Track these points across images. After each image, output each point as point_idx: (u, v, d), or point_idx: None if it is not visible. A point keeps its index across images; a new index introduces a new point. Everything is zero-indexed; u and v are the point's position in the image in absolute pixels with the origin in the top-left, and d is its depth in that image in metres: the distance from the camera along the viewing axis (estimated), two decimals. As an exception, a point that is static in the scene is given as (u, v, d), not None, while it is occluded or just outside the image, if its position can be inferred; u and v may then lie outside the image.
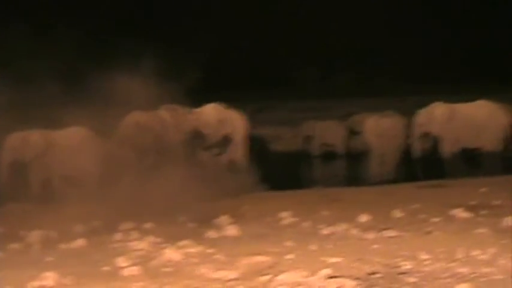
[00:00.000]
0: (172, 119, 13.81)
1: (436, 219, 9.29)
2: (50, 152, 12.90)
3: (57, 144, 12.97)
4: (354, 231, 8.74)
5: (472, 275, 6.49)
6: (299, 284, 6.23)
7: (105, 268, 7.30)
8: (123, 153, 12.98)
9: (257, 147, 15.08)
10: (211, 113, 14.24)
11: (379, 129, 15.57)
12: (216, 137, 14.20)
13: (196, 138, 14.00)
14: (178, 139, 13.74)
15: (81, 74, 12.96)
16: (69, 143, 13.02)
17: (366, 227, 8.93)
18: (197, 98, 13.84)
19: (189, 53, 14.60)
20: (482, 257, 7.10)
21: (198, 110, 14.15)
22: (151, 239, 8.61)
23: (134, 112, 13.52)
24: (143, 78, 12.83)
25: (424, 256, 7.17)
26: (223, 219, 9.94)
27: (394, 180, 14.92)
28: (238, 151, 14.53)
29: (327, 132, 19.25)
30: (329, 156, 19.16)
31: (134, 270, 7.05)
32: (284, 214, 10.10)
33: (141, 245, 8.32)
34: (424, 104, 15.49)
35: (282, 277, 6.39)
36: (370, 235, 8.41)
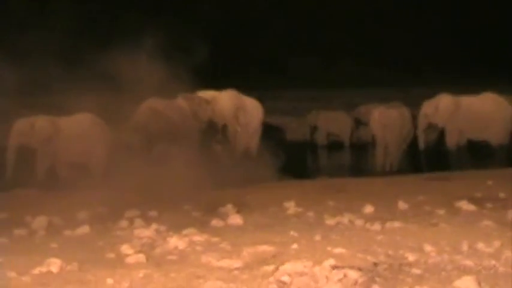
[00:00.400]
0: (190, 107, 13.74)
1: (441, 211, 9.28)
2: (57, 138, 12.90)
3: (64, 130, 12.97)
4: (359, 222, 8.73)
5: (477, 268, 6.50)
6: (303, 274, 6.23)
7: (110, 255, 7.31)
8: (133, 140, 12.95)
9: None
10: (228, 100, 14.19)
11: (385, 120, 15.53)
12: (232, 125, 14.18)
13: (212, 127, 13.97)
14: (194, 127, 13.68)
15: (86, 57, 12.90)
16: (76, 129, 13.02)
17: (370, 218, 8.93)
18: (197, 85, 13.81)
19: (191, 37, 14.52)
20: (487, 249, 7.10)
21: (215, 97, 14.08)
22: (156, 226, 8.62)
23: (151, 99, 13.47)
24: (148, 62, 12.78)
25: (428, 248, 7.16)
26: (228, 208, 9.94)
27: (400, 172, 14.92)
28: (253, 139, 14.52)
29: (333, 123, 19.28)
30: (334, 146, 19.19)
31: (139, 257, 7.06)
32: (289, 204, 10.10)
33: (146, 232, 8.33)
34: (426, 95, 15.47)
35: (286, 267, 6.39)
36: (375, 226, 8.40)
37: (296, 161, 16.05)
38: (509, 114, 14.94)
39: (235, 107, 14.19)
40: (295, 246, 7.39)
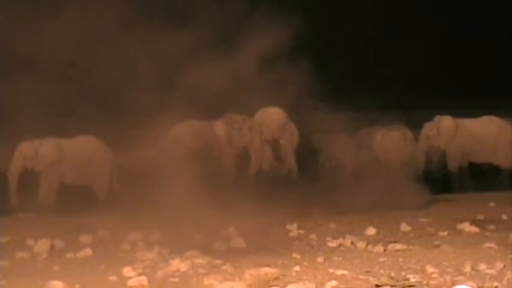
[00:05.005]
0: (227, 132, 13.55)
1: (443, 233, 9.29)
2: (61, 161, 12.87)
3: (67, 152, 12.95)
4: (361, 244, 8.73)
5: (479, 289, 6.49)
6: (306, 296, 6.24)
7: (112, 278, 7.30)
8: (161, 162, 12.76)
9: None
10: (271, 120, 14.25)
11: (388, 143, 15.52)
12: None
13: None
14: (224, 153, 13.51)
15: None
16: (80, 151, 13.02)
17: (373, 240, 8.93)
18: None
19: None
20: (489, 271, 7.09)
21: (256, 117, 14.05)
22: (159, 249, 8.61)
23: (185, 122, 13.28)
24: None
25: (431, 269, 7.16)
26: (231, 231, 9.92)
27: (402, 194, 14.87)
28: (294, 162, 14.48)
29: (335, 146, 19.20)
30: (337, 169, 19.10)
31: (141, 280, 7.06)
32: (291, 226, 10.10)
33: (148, 255, 8.32)
34: (428, 118, 15.48)
35: (288, 288, 6.39)
36: (377, 248, 8.40)
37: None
38: (510, 136, 14.93)
39: (278, 126, 14.35)
40: (297, 268, 7.39)
